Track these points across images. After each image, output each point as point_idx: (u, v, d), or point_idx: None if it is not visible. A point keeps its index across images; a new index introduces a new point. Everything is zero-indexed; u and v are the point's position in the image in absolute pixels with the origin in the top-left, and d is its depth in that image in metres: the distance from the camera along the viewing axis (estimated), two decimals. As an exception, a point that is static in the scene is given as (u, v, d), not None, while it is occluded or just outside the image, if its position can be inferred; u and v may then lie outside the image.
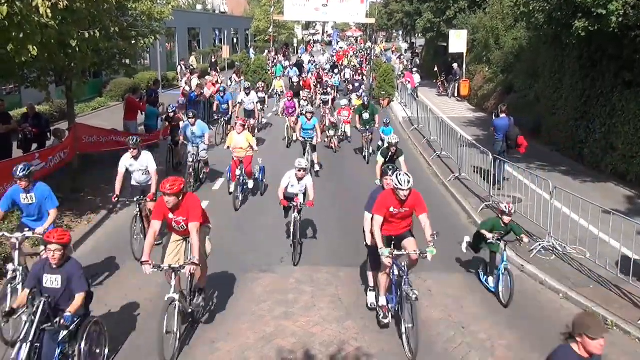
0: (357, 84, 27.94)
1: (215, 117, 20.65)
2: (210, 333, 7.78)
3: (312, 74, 31.92)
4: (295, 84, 26.17)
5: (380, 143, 16.53)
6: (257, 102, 20.21)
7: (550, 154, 17.61)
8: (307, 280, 9.47)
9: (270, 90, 26.38)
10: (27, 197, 8.11)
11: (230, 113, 19.71)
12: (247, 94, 19.69)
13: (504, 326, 8.11)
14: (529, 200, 11.65)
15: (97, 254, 10.28)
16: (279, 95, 25.40)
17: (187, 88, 22.07)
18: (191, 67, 31.61)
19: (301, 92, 23.49)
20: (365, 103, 18.55)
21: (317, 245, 11.04)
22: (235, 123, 14.27)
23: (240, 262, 10.10)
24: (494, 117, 15.68)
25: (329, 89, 26.87)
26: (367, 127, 17.82)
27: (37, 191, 8.13)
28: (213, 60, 36.81)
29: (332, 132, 19.00)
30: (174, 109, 16.82)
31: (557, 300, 9.02)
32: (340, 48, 56.19)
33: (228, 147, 13.58)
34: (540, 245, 10.44)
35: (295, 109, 20.06)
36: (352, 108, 20.66)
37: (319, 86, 28.83)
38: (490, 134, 15.32)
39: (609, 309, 8.43)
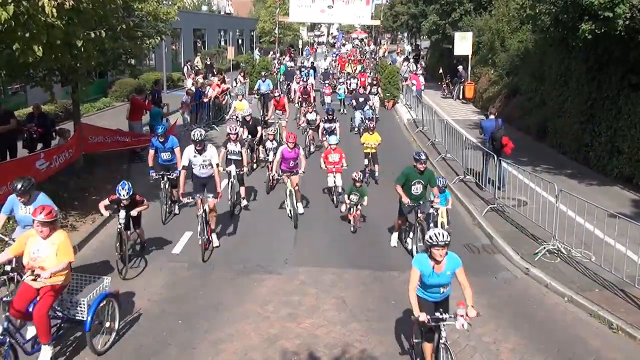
0: (361, 99, 21.97)
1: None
2: (215, 334, 7.76)
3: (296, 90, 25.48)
4: (258, 118, 17.61)
5: (432, 211, 10.70)
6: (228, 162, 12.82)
7: (555, 156, 17.56)
8: (312, 281, 9.44)
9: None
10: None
11: (178, 170, 11.35)
12: (200, 150, 10.58)
13: (508, 329, 8.08)
14: (534, 203, 11.61)
15: (101, 254, 10.28)
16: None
17: (193, 89, 22.10)
18: (196, 68, 31.67)
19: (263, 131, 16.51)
20: (422, 167, 10.22)
21: (322, 246, 11.01)
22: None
23: (245, 263, 10.09)
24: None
25: (331, 115, 17.22)
26: (420, 202, 10.39)
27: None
28: (209, 63, 35.40)
29: (354, 198, 11.59)
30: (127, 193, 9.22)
31: (562, 303, 8.97)
32: (347, 51, 54.67)
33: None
34: (545, 248, 10.40)
35: (299, 163, 12.40)
36: (368, 143, 14.78)
37: (304, 105, 21.22)
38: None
39: (615, 313, 8.39)
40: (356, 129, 21.24)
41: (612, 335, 8.02)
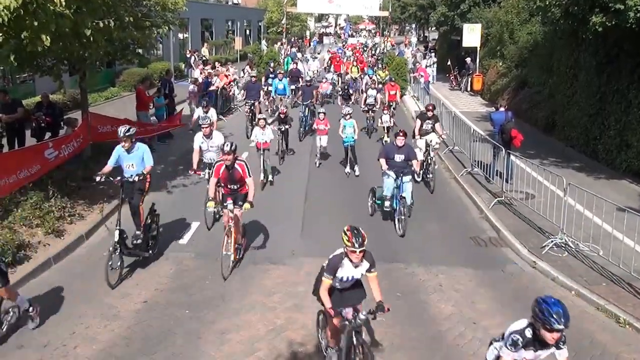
0: (399, 159, 11.60)
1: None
2: (221, 324, 7.79)
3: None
4: None
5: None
6: None
7: (564, 149, 17.47)
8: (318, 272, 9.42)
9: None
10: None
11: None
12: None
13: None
14: (541, 197, 11.57)
15: (108, 243, 10.30)
16: None
17: (200, 79, 22.09)
18: (203, 58, 31.63)
19: None
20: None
21: (329, 237, 10.98)
22: None
23: (251, 254, 10.10)
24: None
25: None
26: None
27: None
28: (203, 57, 32.23)
29: None
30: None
31: (569, 297, 8.94)
32: (356, 42, 52.39)
33: None
34: (552, 242, 10.37)
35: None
36: None
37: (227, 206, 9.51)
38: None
39: (622, 307, 8.36)
40: (380, 209, 11.91)
41: (619, 329, 8.00)
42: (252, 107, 19.27)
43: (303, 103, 19.88)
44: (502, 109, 14.90)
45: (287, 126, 16.20)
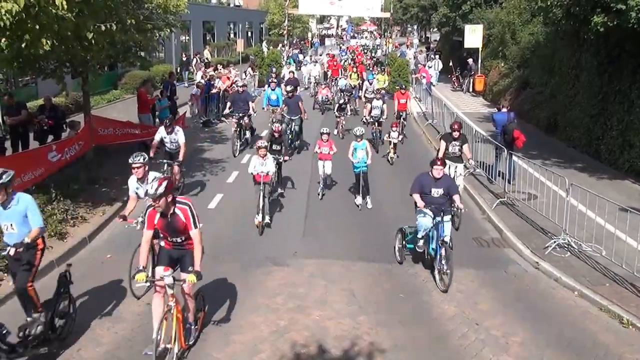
0: (442, 207, 9.34)
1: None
2: (224, 325, 7.79)
3: None
4: None
5: None
6: None
7: (566, 150, 17.45)
8: (320, 274, 9.44)
9: None
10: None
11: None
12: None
13: (517, 323, 8.06)
14: (544, 197, 11.57)
15: (111, 245, 10.35)
16: None
17: (203, 81, 22.12)
18: (206, 60, 31.69)
19: None
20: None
21: (331, 238, 11.01)
22: None
23: (253, 255, 10.10)
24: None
25: None
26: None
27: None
28: (184, 59, 31.69)
29: None
30: None
31: (571, 297, 8.94)
32: (357, 44, 51.68)
33: None
34: (555, 242, 10.36)
35: None
36: None
37: None
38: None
39: (625, 308, 8.35)
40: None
41: (622, 330, 7.99)
42: (241, 121, 16.92)
43: (291, 118, 17.08)
44: (504, 109, 14.95)
45: (284, 156, 12.84)
